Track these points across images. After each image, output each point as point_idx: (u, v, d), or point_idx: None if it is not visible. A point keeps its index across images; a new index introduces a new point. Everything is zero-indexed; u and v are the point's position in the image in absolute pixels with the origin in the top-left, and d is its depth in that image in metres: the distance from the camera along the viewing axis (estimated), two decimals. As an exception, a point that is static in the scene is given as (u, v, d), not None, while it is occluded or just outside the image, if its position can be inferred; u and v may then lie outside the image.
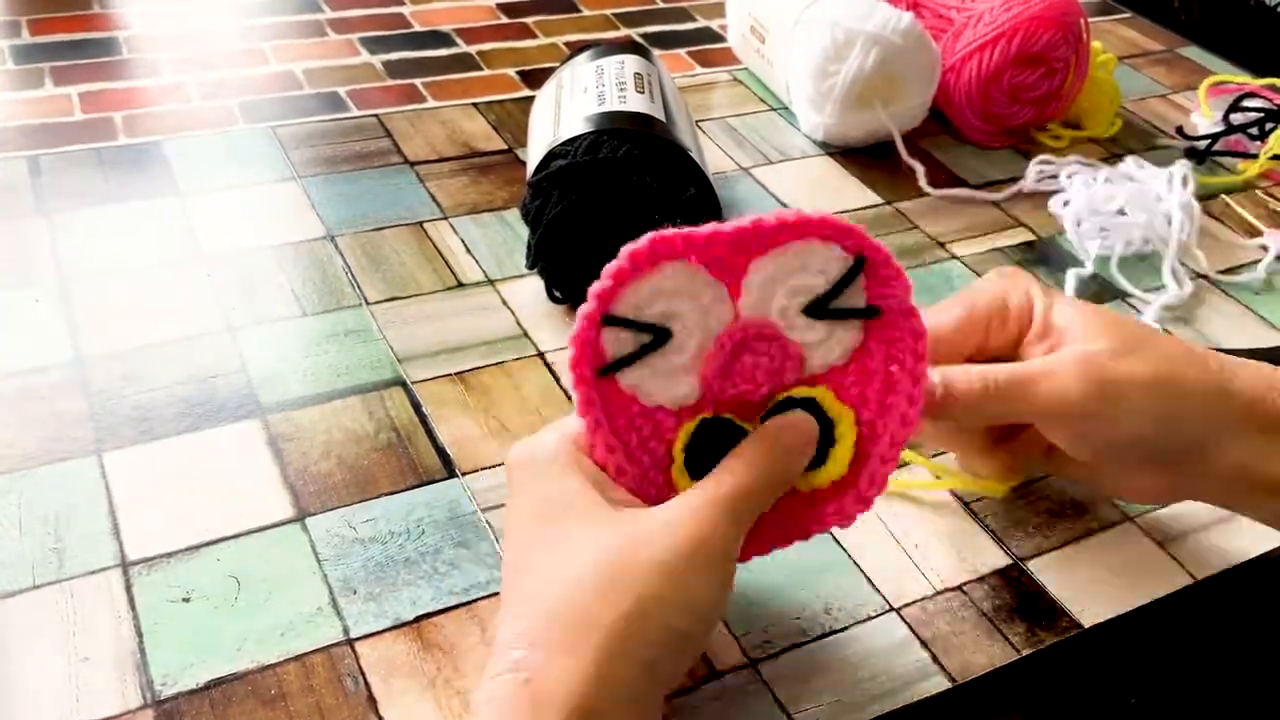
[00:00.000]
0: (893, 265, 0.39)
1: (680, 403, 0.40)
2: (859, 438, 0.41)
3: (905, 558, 0.49)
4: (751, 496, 0.38)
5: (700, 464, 0.39)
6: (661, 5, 0.98)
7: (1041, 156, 0.77)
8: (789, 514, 0.41)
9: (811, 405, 0.40)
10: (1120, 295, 0.66)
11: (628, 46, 0.68)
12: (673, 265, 0.38)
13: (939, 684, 0.44)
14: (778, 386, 0.40)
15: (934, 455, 0.53)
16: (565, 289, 0.60)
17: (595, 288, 0.37)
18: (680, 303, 0.38)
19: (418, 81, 0.82)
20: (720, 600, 0.37)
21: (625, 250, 0.37)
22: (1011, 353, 0.46)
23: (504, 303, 0.61)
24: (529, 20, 0.93)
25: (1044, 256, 0.70)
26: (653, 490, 0.40)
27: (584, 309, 0.37)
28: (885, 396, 0.41)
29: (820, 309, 0.40)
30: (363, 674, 0.42)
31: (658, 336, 0.38)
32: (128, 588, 0.44)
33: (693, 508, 0.37)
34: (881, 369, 0.41)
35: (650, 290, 0.38)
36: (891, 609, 0.47)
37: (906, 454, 0.51)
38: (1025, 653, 0.45)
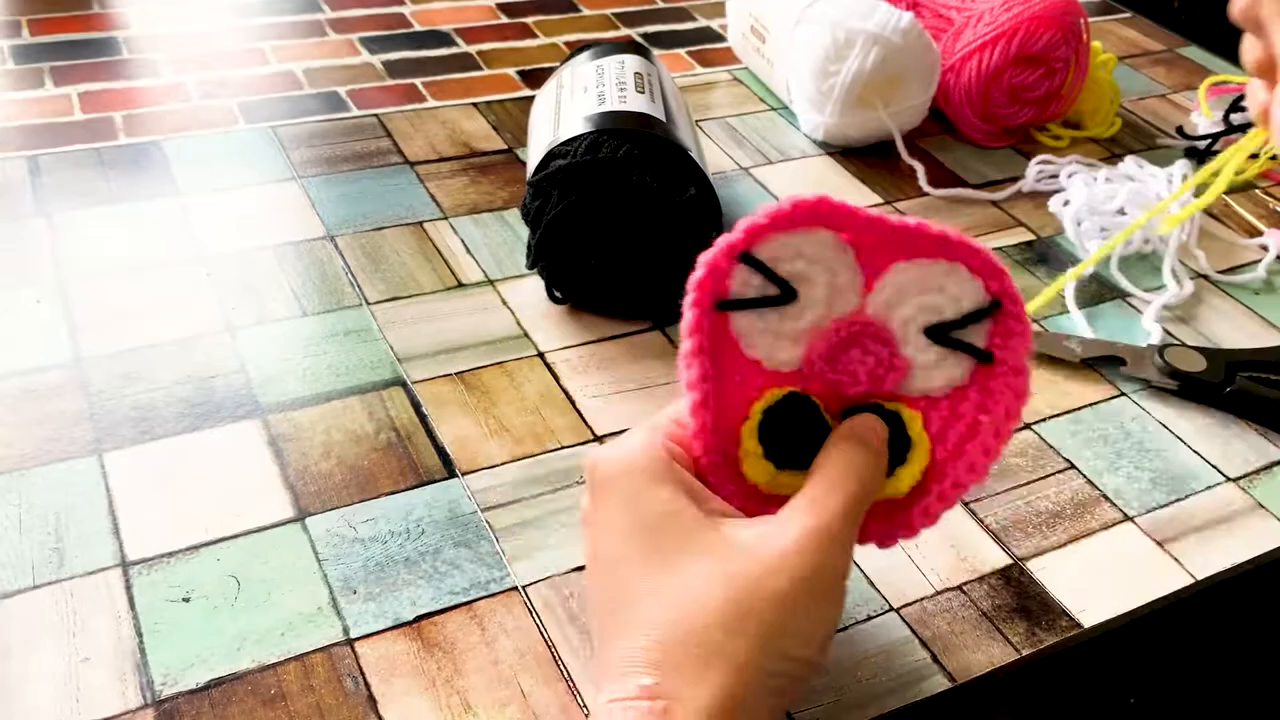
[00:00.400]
0: (1023, 320, 0.39)
1: (777, 367, 0.39)
2: (925, 470, 0.40)
3: (905, 558, 0.49)
4: (858, 515, 0.37)
5: (774, 435, 0.39)
6: (661, 5, 0.98)
7: (1041, 156, 0.77)
8: None
9: (895, 420, 0.39)
10: (1120, 295, 0.66)
11: (628, 46, 0.68)
12: (825, 233, 0.38)
13: (939, 684, 0.44)
14: (874, 391, 0.40)
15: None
16: (565, 289, 0.60)
17: (746, 222, 0.37)
18: (817, 271, 0.38)
19: (418, 81, 0.82)
20: (835, 625, 0.37)
21: (789, 199, 0.37)
22: None
23: (504, 303, 0.61)
24: (529, 20, 0.93)
25: (1044, 256, 0.70)
26: (721, 444, 0.39)
27: (727, 238, 0.37)
28: (964, 442, 0.40)
29: (940, 333, 0.39)
30: (363, 674, 0.42)
31: (784, 294, 0.38)
32: (128, 588, 0.44)
33: (811, 535, 0.36)
34: (971, 415, 0.39)
35: (794, 247, 0.37)
36: (891, 609, 0.47)
37: None
38: (1025, 653, 0.45)
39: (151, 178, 0.68)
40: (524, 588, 0.46)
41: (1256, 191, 0.78)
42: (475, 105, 0.79)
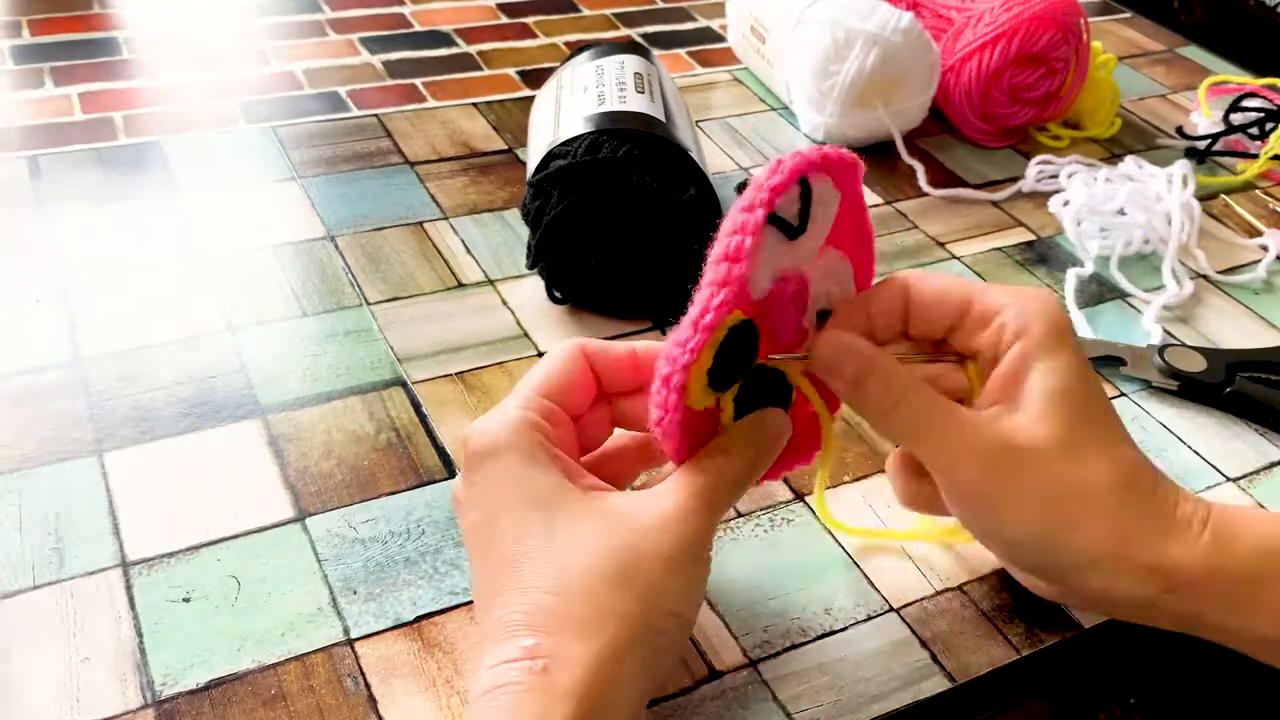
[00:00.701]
0: (839, 160, 0.40)
1: (750, 291, 0.39)
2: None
3: (905, 558, 0.49)
4: (731, 497, 0.40)
5: (725, 360, 0.39)
6: (661, 5, 0.98)
7: (1041, 156, 0.77)
8: None
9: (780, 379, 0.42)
10: (1120, 295, 0.66)
11: (628, 46, 0.68)
12: (835, 192, 0.41)
13: (939, 684, 0.44)
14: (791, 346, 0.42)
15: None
16: (565, 289, 0.60)
17: (816, 152, 0.39)
18: (817, 224, 0.40)
19: (418, 81, 0.82)
20: (703, 591, 0.39)
21: (836, 150, 0.40)
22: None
23: (504, 303, 0.61)
24: (529, 20, 0.93)
25: (1044, 256, 0.70)
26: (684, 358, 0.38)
27: (803, 157, 0.38)
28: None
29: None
30: (363, 674, 0.42)
31: (799, 228, 0.39)
32: (128, 588, 0.44)
33: (686, 508, 0.38)
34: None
35: (824, 190, 0.40)
36: (891, 609, 0.47)
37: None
38: (1025, 653, 0.45)
39: (151, 178, 0.68)
40: (524, 588, 0.46)
41: (1257, 191, 0.78)
42: (475, 105, 0.79)
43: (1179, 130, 0.84)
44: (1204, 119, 0.85)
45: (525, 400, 0.40)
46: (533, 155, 0.63)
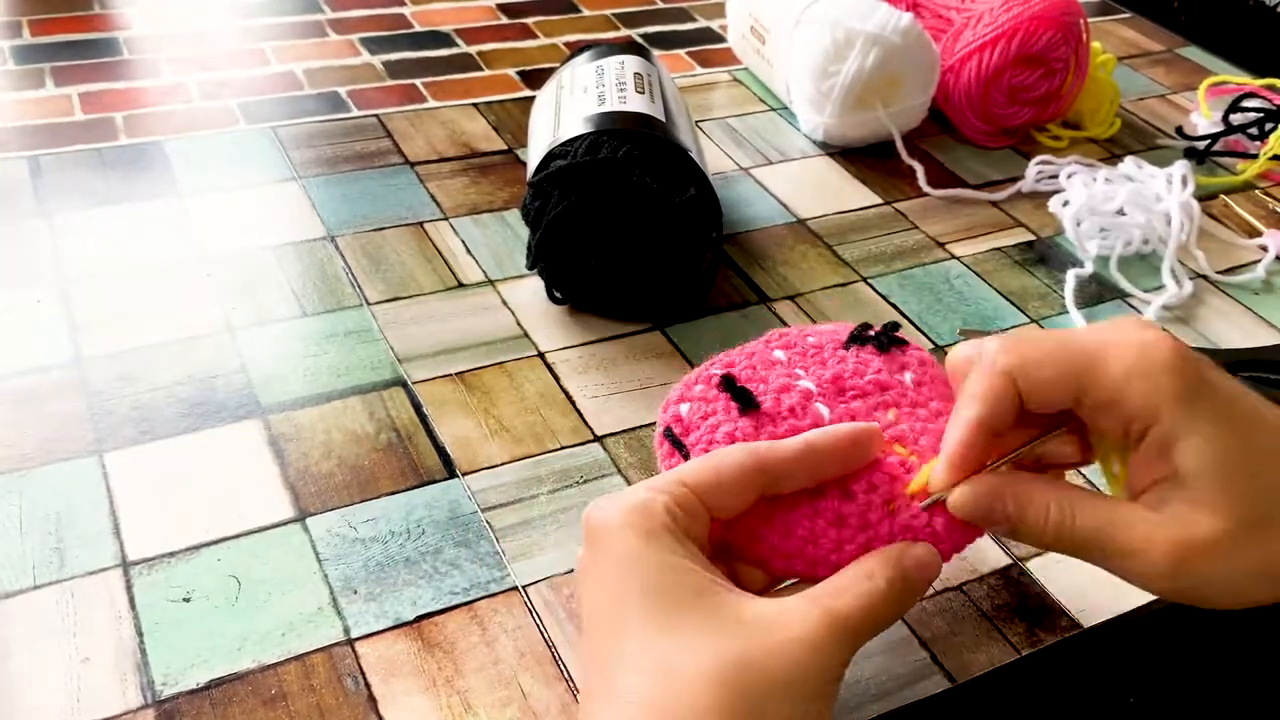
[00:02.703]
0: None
1: None
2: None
3: (905, 558, 0.49)
4: (874, 629, 0.36)
5: None
6: (661, 5, 0.98)
7: (1041, 156, 0.77)
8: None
9: None
10: (1120, 295, 0.66)
11: (628, 47, 0.68)
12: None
13: (939, 684, 0.44)
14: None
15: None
16: (565, 289, 0.60)
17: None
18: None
19: (418, 81, 0.82)
20: (829, 718, 0.35)
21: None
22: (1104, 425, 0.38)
23: (504, 303, 0.61)
24: (529, 20, 0.93)
25: (1043, 256, 0.70)
26: None
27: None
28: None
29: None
30: (363, 674, 0.42)
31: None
32: (128, 588, 0.45)
33: (820, 635, 0.34)
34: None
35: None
36: (891, 609, 0.47)
37: None
38: (1025, 653, 0.45)
39: (152, 178, 0.68)
40: (524, 588, 0.46)
41: (1256, 192, 0.79)
42: (475, 105, 0.79)
43: (1179, 130, 0.84)
44: (1203, 119, 0.85)
45: (661, 484, 0.37)
46: (533, 155, 0.63)
